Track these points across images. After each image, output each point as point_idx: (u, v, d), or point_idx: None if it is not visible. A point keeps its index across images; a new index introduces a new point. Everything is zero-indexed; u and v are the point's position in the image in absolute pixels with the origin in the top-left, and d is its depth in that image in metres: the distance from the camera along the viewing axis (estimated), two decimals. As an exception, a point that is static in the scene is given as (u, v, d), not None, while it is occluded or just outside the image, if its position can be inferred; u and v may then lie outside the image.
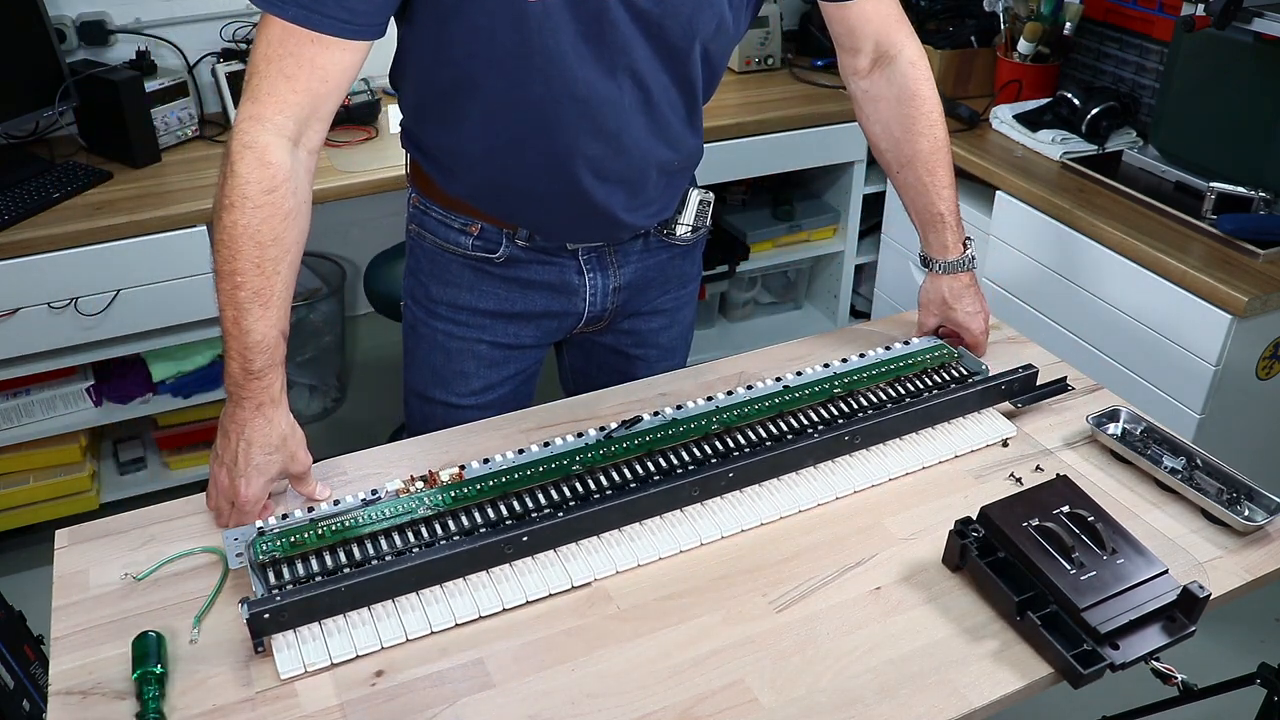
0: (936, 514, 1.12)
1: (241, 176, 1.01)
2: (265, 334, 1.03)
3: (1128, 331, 1.95)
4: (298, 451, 1.09)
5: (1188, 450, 1.18)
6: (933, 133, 1.33)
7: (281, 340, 1.06)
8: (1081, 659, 0.91)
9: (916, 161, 1.34)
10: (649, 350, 1.49)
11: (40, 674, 1.77)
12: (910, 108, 1.32)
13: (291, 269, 1.05)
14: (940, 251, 1.36)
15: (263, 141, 1.01)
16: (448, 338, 1.37)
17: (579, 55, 1.10)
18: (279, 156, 1.02)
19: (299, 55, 1.01)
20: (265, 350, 1.04)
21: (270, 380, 1.05)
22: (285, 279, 1.05)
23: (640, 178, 1.25)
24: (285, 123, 1.03)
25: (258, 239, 1.01)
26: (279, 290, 1.04)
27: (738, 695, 0.91)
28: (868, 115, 1.37)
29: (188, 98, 2.24)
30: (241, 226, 1.01)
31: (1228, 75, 1.97)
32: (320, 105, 1.05)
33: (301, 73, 1.02)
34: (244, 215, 1.01)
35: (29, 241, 1.88)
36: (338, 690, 0.91)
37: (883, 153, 1.38)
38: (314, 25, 1.01)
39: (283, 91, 1.02)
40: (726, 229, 2.82)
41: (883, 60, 1.33)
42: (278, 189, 1.02)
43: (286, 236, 1.03)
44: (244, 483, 1.05)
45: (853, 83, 1.37)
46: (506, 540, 1.00)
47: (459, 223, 1.30)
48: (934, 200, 1.34)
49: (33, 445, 2.19)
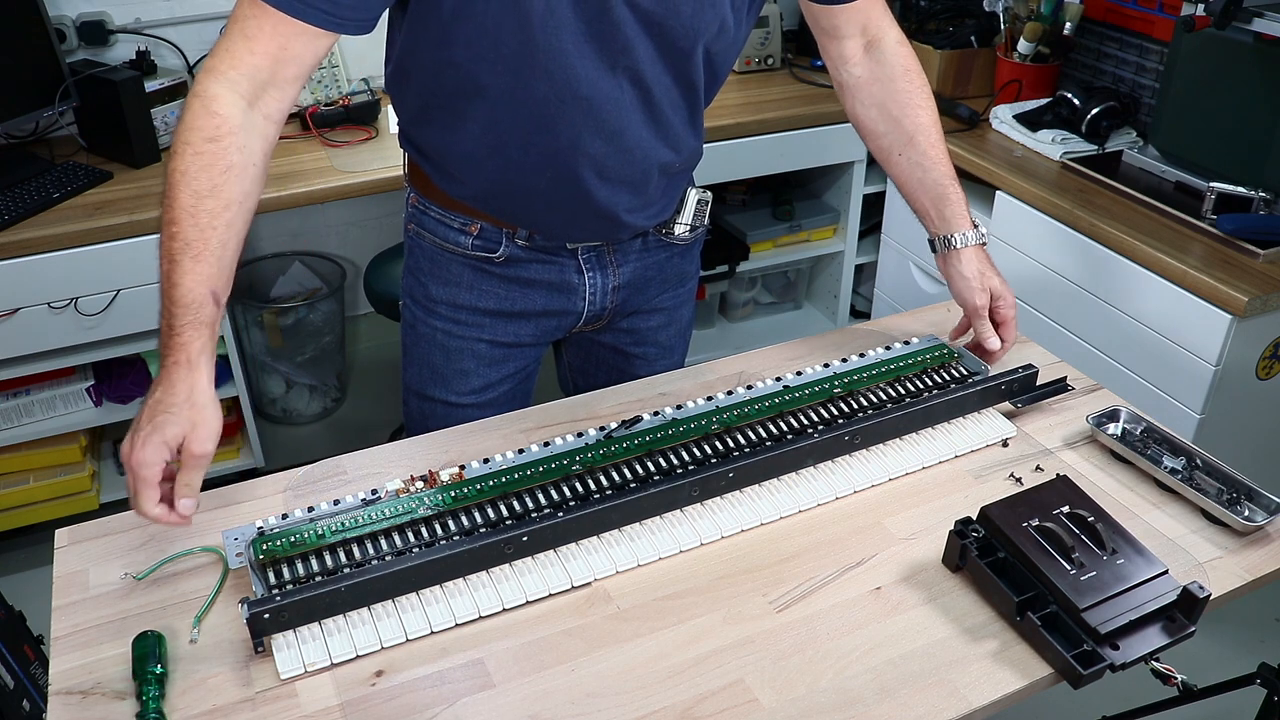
0: (936, 514, 1.12)
1: (185, 123, 1.00)
2: (192, 288, 0.99)
3: (1128, 331, 1.95)
4: (200, 427, 0.98)
5: (1188, 450, 1.18)
6: (930, 104, 1.34)
7: (210, 300, 1.00)
8: (1081, 659, 0.91)
9: (919, 136, 1.33)
10: (648, 349, 1.49)
11: (40, 674, 1.77)
12: (906, 82, 1.33)
13: (230, 228, 1.01)
14: (962, 224, 1.33)
15: (212, 91, 1.01)
16: (447, 336, 1.38)
17: (581, 54, 1.10)
18: (227, 109, 1.01)
19: (261, 19, 1.01)
20: (190, 306, 0.99)
21: (189, 339, 0.99)
22: (222, 236, 1.00)
23: (642, 178, 1.25)
24: (239, 79, 1.02)
25: (194, 186, 0.99)
26: (214, 246, 1.00)
27: (738, 695, 0.91)
28: (861, 100, 1.36)
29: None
30: (179, 173, 0.99)
31: (1228, 75, 1.97)
32: (280, 70, 1.03)
33: (263, 34, 1.01)
34: (183, 161, 0.99)
35: (29, 241, 1.88)
36: (338, 690, 0.91)
37: (880, 136, 1.36)
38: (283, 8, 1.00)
39: (240, 51, 1.02)
40: (726, 229, 2.82)
41: (872, 44, 1.34)
42: (220, 139, 1.00)
43: (227, 189, 1.00)
44: (137, 439, 0.97)
45: (844, 71, 1.36)
46: (506, 540, 1.00)
47: (458, 222, 1.30)
48: (942, 174, 1.34)
49: (33, 445, 2.19)
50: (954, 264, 1.34)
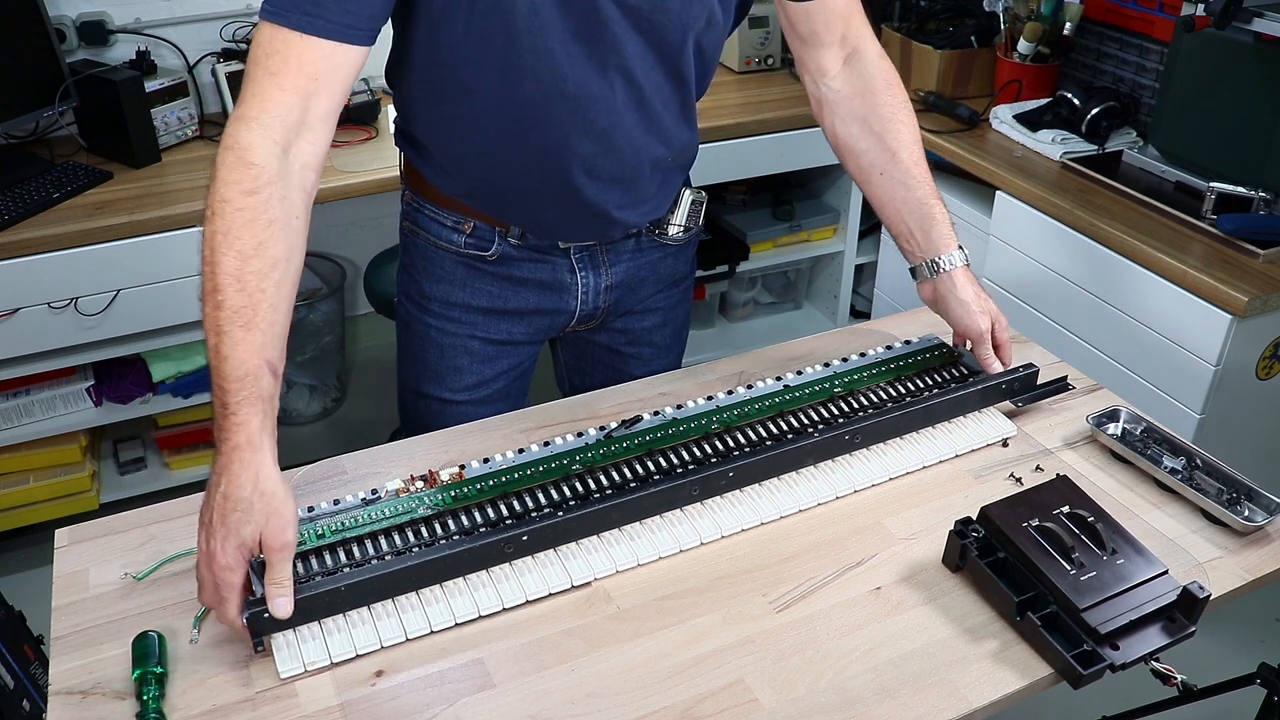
0: (936, 514, 1.12)
1: (221, 179, 0.94)
2: (244, 360, 0.90)
3: (1128, 331, 1.95)
4: (274, 518, 0.89)
5: (1188, 450, 1.18)
6: (912, 120, 1.28)
7: (266, 371, 0.92)
8: (1081, 659, 0.91)
9: (902, 152, 1.27)
10: (643, 348, 1.50)
11: (40, 674, 1.77)
12: (889, 96, 1.28)
13: (279, 289, 0.94)
14: (949, 245, 1.25)
15: (245, 141, 0.95)
16: (441, 334, 1.38)
17: (569, 54, 1.10)
18: (262, 158, 0.95)
19: (285, 52, 0.97)
20: (244, 380, 0.90)
21: (245, 417, 0.90)
22: (272, 299, 0.93)
23: (634, 175, 1.25)
24: (271, 122, 0.97)
25: (238, 247, 0.92)
26: (264, 311, 0.92)
27: (738, 695, 0.91)
28: (841, 116, 1.30)
29: (188, 98, 2.24)
30: (220, 234, 0.92)
31: (1228, 75, 1.97)
32: (311, 106, 0.99)
33: (289, 70, 0.97)
34: (223, 221, 0.92)
35: (29, 241, 1.88)
36: (338, 690, 0.91)
37: (860, 154, 1.30)
38: (302, 28, 0.97)
39: (268, 90, 0.97)
40: (726, 229, 2.82)
41: (852, 56, 1.30)
42: (259, 191, 0.94)
43: (273, 247, 0.93)
44: (213, 543, 0.89)
45: (821, 85, 1.31)
46: (506, 539, 1.00)
47: (452, 220, 1.31)
48: (927, 192, 1.26)
49: (33, 445, 2.19)
50: (948, 289, 1.26)
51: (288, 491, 0.92)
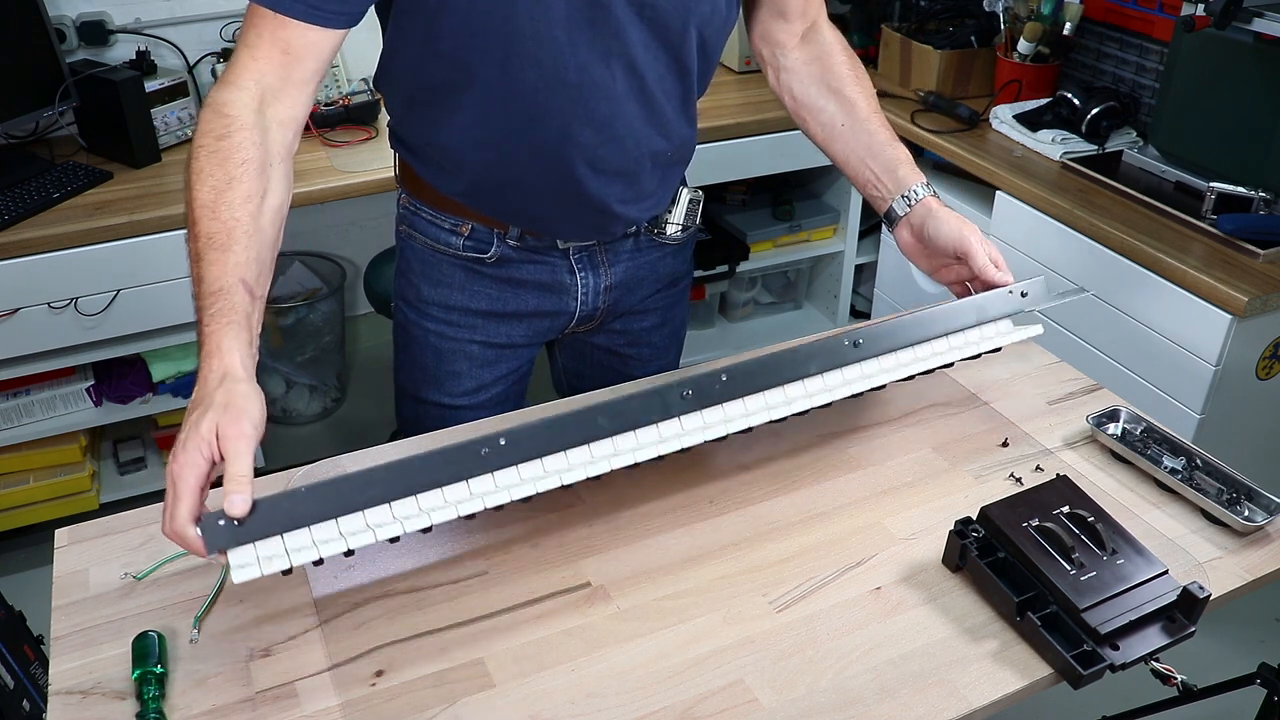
0: (936, 514, 1.12)
1: (198, 130, 1.01)
2: (217, 277, 0.93)
3: (1128, 331, 1.95)
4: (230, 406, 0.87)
5: (1188, 450, 1.18)
6: (867, 82, 1.34)
7: (241, 288, 0.93)
8: (1081, 659, 0.91)
9: (861, 103, 1.31)
10: (642, 349, 1.49)
11: (40, 674, 1.77)
12: (845, 56, 1.34)
13: (255, 220, 0.97)
14: (918, 177, 1.26)
15: (222, 98, 1.02)
16: (439, 338, 1.37)
17: (571, 41, 1.10)
18: (236, 110, 1.01)
19: (260, 27, 1.04)
20: (215, 295, 0.92)
21: (218, 328, 0.91)
22: (247, 228, 0.96)
23: (635, 168, 1.25)
24: (247, 83, 1.03)
25: (210, 183, 0.97)
26: (239, 235, 0.95)
27: (738, 695, 0.91)
28: (801, 79, 1.35)
29: (188, 98, 2.24)
30: (194, 174, 0.98)
31: (1228, 75, 1.97)
32: (288, 73, 1.04)
33: (262, 42, 1.04)
34: (197, 163, 0.99)
35: (29, 241, 1.88)
36: (338, 690, 0.91)
37: (820, 111, 1.33)
38: (274, 7, 1.03)
39: (244, 60, 1.04)
40: (726, 229, 2.82)
41: (810, 30, 1.36)
42: (232, 135, 1.00)
43: (246, 182, 0.98)
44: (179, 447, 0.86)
45: (782, 56, 1.37)
46: (484, 441, 0.95)
47: (449, 223, 1.30)
48: (888, 137, 1.29)
49: (33, 445, 2.19)
50: (926, 213, 1.24)
51: (253, 389, 0.90)
